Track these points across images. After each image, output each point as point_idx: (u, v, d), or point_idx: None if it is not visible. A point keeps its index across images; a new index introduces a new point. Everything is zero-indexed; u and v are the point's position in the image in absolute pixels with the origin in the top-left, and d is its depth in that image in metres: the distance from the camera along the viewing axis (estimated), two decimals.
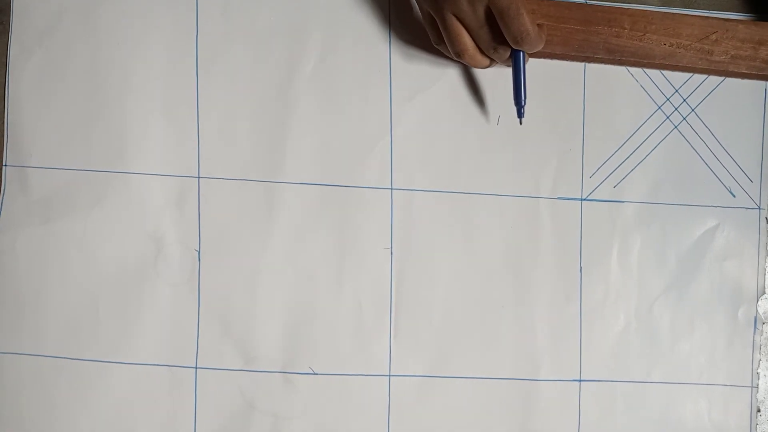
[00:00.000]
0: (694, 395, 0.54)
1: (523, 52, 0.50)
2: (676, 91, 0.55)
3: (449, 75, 0.54)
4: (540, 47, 0.49)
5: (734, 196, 0.55)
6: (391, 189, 0.54)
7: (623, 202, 0.55)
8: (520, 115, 0.52)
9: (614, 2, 0.54)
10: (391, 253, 0.53)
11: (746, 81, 0.55)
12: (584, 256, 0.54)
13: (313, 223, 0.53)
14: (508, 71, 0.51)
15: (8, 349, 0.52)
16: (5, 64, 0.52)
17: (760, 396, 0.55)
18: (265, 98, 0.53)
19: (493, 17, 0.47)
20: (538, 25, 0.48)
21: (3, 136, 0.52)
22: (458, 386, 0.53)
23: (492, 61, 0.51)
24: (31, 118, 0.52)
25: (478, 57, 0.50)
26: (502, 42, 0.48)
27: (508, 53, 0.49)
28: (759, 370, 0.55)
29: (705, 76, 0.55)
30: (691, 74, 0.55)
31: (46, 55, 0.52)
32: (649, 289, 0.55)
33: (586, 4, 0.52)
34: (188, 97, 0.53)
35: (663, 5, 0.55)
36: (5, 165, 0.52)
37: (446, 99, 0.54)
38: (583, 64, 0.54)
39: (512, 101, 0.51)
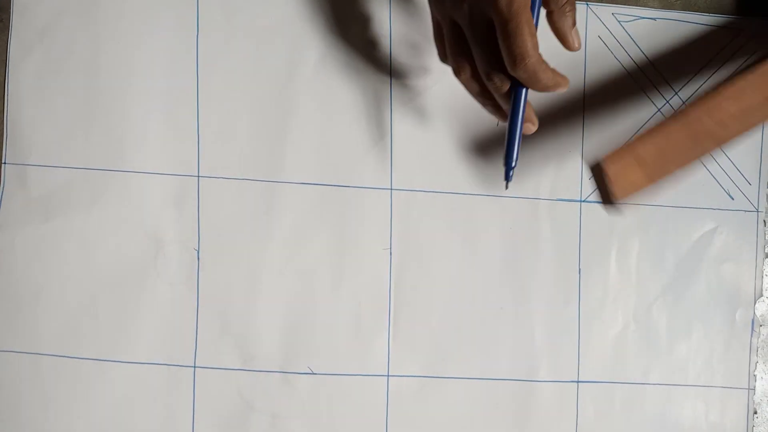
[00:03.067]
0: (692, 397, 0.55)
1: (524, 91, 0.42)
2: (676, 93, 0.55)
3: (449, 76, 0.54)
4: (548, 85, 0.41)
5: (733, 199, 0.55)
6: (391, 189, 0.54)
7: (622, 204, 0.55)
8: (507, 177, 0.43)
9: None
10: (390, 254, 0.54)
11: None
12: (583, 258, 0.54)
13: (312, 223, 0.53)
14: None
15: (6, 347, 0.51)
16: (5, 62, 0.52)
17: (756, 398, 0.55)
18: (265, 98, 0.53)
19: (494, 33, 0.40)
20: (553, 70, 0.41)
21: (2, 133, 0.52)
22: (456, 387, 0.53)
23: (487, 98, 0.44)
24: (31, 116, 0.52)
25: (473, 81, 0.43)
26: (501, 68, 0.41)
27: (507, 86, 0.42)
28: (756, 372, 0.55)
29: (704, 78, 0.55)
30: (690, 77, 0.55)
31: (46, 52, 0.52)
32: (647, 291, 0.55)
33: (682, 114, 0.47)
34: (188, 95, 0.53)
35: (662, 8, 0.55)
36: (4, 163, 0.52)
37: (446, 100, 0.54)
38: (582, 67, 0.54)
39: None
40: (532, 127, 0.43)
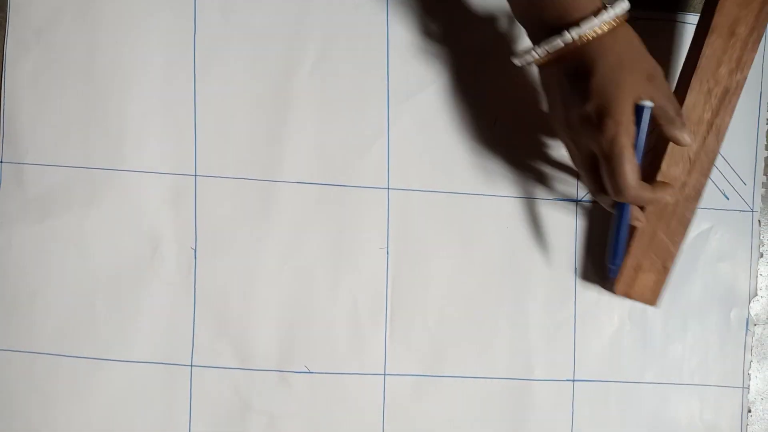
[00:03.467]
0: (687, 396, 0.55)
1: (627, 206, 0.47)
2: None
3: (446, 76, 0.54)
4: (649, 204, 0.45)
5: (728, 199, 0.56)
6: (388, 189, 0.54)
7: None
8: (611, 273, 0.50)
9: None
10: (387, 253, 0.54)
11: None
12: (579, 257, 0.55)
13: (309, 222, 0.53)
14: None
15: (3, 347, 0.51)
16: (2, 61, 0.52)
17: (751, 397, 0.55)
18: (263, 97, 0.53)
19: (597, 163, 0.44)
20: (661, 183, 0.46)
21: None
22: (453, 386, 0.54)
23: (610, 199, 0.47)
24: (28, 115, 0.52)
25: (597, 194, 0.47)
26: (604, 189, 0.45)
27: (611, 201, 0.47)
28: (750, 371, 0.55)
29: None
30: (687, 77, 0.55)
31: (44, 51, 0.52)
32: None
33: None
34: (186, 95, 0.53)
35: (660, 9, 0.55)
36: (1, 162, 0.52)
37: (443, 100, 0.54)
38: None
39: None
40: (638, 223, 0.49)
